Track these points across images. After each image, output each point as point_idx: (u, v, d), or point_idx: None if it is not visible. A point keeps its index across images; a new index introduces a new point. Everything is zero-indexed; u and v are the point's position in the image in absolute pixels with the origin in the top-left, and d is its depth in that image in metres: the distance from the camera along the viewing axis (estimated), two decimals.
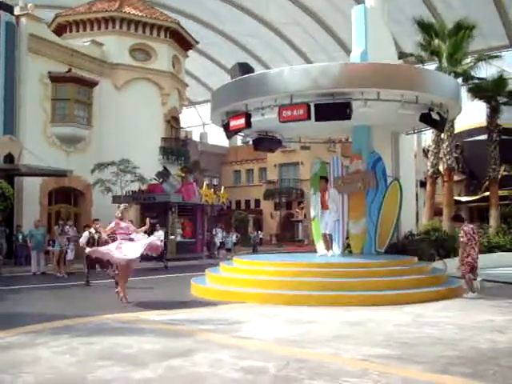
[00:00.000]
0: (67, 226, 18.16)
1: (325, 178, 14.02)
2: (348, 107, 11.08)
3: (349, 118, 11.09)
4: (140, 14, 29.27)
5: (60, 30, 29.23)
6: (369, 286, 10.24)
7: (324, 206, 13.65)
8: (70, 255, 17.83)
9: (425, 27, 20.79)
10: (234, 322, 7.96)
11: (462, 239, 10.80)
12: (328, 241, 13.60)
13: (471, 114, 26.93)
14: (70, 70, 25.45)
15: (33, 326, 7.68)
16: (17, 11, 23.94)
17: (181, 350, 6.11)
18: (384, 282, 10.50)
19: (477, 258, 10.88)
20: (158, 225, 21.75)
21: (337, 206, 13.74)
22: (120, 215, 10.41)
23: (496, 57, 23.31)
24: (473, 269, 10.83)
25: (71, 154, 25.77)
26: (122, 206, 10.77)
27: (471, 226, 11.24)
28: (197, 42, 33.63)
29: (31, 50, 24.13)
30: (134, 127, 27.64)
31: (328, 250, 13.48)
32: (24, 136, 23.52)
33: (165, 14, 31.79)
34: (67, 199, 26.73)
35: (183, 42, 32.11)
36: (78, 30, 29.40)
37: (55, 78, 25.06)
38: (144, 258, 23.46)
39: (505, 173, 32.57)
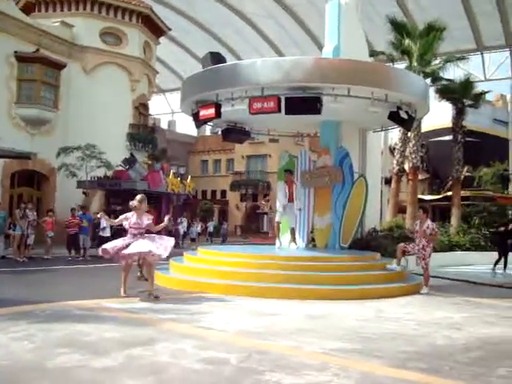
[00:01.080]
0: (27, 210, 17.79)
1: (289, 171, 14.05)
2: (318, 102, 11.12)
3: (319, 112, 11.13)
4: None
5: (28, 9, 28.53)
6: (332, 281, 10.34)
7: (290, 199, 13.70)
8: (31, 239, 17.56)
9: (397, 26, 21.01)
10: (196, 312, 7.94)
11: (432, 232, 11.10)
12: (293, 234, 13.75)
13: (437, 115, 27.39)
14: (37, 51, 24.90)
15: None
16: None
17: (142, 339, 6.06)
18: (347, 277, 10.62)
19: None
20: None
21: (301, 202, 13.97)
22: (136, 206, 9.29)
23: (464, 58, 23.75)
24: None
25: (36, 136, 25.26)
26: (139, 196, 9.58)
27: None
28: (169, 29, 33.31)
29: None
30: (101, 112, 27.24)
31: (293, 243, 13.64)
32: None
33: None
34: (30, 182, 26.24)
35: (155, 29, 31.76)
36: (47, 10, 28.77)
37: (22, 58, 24.48)
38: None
39: (467, 174, 33.31)
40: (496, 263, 15.55)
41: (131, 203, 9.42)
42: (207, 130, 42.87)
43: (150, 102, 33.88)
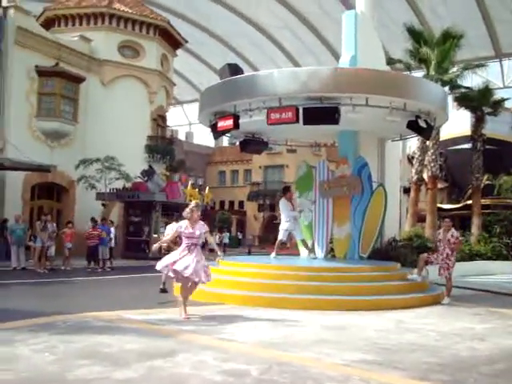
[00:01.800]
0: (47, 222, 17.96)
1: (288, 188, 14.89)
2: (336, 112, 11.11)
3: (337, 122, 11.12)
4: (130, 11, 29.11)
5: (48, 24, 28.94)
6: (351, 291, 10.27)
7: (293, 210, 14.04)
8: (52, 251, 17.73)
9: (414, 34, 20.90)
10: (216, 323, 7.93)
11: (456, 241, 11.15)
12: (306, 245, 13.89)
13: (456, 123, 27.18)
14: (57, 65, 25.22)
15: (11, 323, 7.58)
16: (4, 3, 23.61)
17: (163, 351, 6.07)
18: (366, 288, 10.55)
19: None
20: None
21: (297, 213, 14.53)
22: (189, 215, 8.71)
23: (482, 66, 23.55)
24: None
25: (55, 149, 25.52)
26: (193, 203, 9.16)
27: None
28: (186, 42, 33.55)
29: (18, 43, 23.82)
30: (120, 124, 27.46)
31: (310, 252, 13.73)
32: (8, 129, 23.26)
33: (155, 11, 31.64)
34: (50, 195, 26.49)
35: (172, 41, 32.01)
36: (66, 25, 29.13)
37: (42, 72, 24.81)
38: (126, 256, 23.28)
39: (487, 182, 32.91)
40: None
41: (184, 213, 8.85)
42: (225, 140, 43.04)
43: (168, 113, 34.10)
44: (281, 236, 14.30)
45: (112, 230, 20.13)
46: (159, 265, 8.57)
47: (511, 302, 11.78)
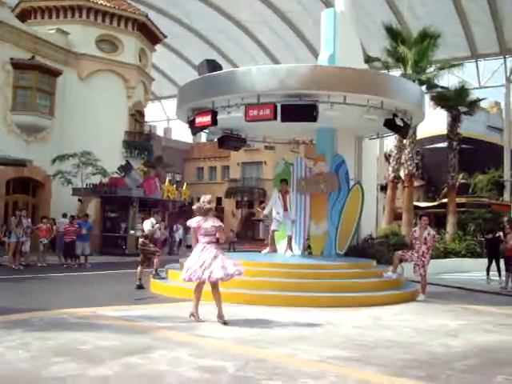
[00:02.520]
0: (22, 217, 17.70)
1: (285, 180, 14.13)
2: (314, 109, 11.13)
3: (315, 120, 11.15)
4: (108, 5, 28.76)
5: (24, 16, 28.48)
6: (328, 288, 10.32)
7: (285, 208, 13.78)
8: (26, 247, 17.50)
9: (392, 33, 21.09)
10: (191, 319, 7.91)
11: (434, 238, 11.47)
12: (290, 242, 13.78)
13: (432, 122, 27.49)
14: (33, 58, 24.85)
15: None
16: None
17: (138, 347, 6.04)
18: (343, 284, 10.61)
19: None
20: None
21: (295, 210, 14.03)
22: (205, 209, 7.93)
23: (458, 65, 23.84)
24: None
25: (31, 143, 25.18)
26: (208, 197, 8.21)
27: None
28: (165, 37, 33.31)
29: None
30: (97, 119, 27.18)
31: (289, 250, 13.66)
32: None
33: (133, 6, 31.35)
34: (26, 189, 26.12)
35: (151, 36, 31.76)
36: (43, 17, 28.70)
37: (18, 65, 24.43)
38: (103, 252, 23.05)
39: (463, 180, 33.41)
40: (488, 270, 15.53)
41: (199, 205, 8.01)
42: (203, 137, 42.87)
43: (146, 109, 33.85)
44: (274, 226, 14.10)
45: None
46: (185, 275, 7.88)
47: (484, 298, 11.99)
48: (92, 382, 4.75)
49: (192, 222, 7.95)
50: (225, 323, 7.61)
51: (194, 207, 8.07)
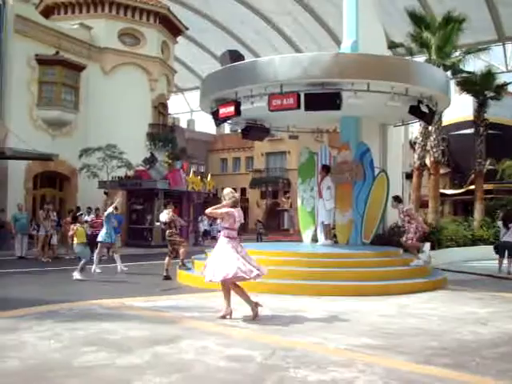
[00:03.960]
0: (49, 211, 17.99)
1: (326, 167, 14.03)
2: (338, 98, 11.07)
3: (338, 108, 11.08)
4: None
5: (48, 12, 28.82)
6: (354, 277, 10.30)
7: (320, 195, 13.72)
8: (54, 240, 17.79)
9: (416, 19, 20.74)
10: (219, 309, 7.94)
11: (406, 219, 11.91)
12: (327, 230, 13.72)
13: (458, 108, 27.06)
14: (57, 53, 25.13)
15: (17, 311, 7.64)
16: None
17: (166, 337, 6.11)
18: (369, 273, 10.58)
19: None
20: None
21: (331, 194, 13.85)
22: (234, 199, 7.62)
23: (485, 49, 23.36)
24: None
25: (57, 137, 25.51)
26: (229, 190, 7.81)
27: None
28: (186, 29, 33.38)
29: (18, 32, 23.74)
30: (121, 112, 27.42)
31: (328, 239, 13.62)
32: (10, 119, 23.25)
33: None
34: (52, 183, 26.52)
35: (173, 28, 31.84)
36: (66, 13, 29.00)
37: (42, 61, 24.74)
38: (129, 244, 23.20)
39: (490, 167, 32.85)
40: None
41: (227, 195, 7.59)
42: (226, 128, 42.94)
43: (169, 101, 34.00)
44: (329, 219, 13.93)
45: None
46: (219, 276, 7.23)
47: None
48: (122, 371, 4.82)
49: (228, 212, 7.46)
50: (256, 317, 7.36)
51: (229, 200, 7.55)
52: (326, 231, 13.82)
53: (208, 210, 7.62)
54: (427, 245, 12.36)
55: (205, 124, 51.68)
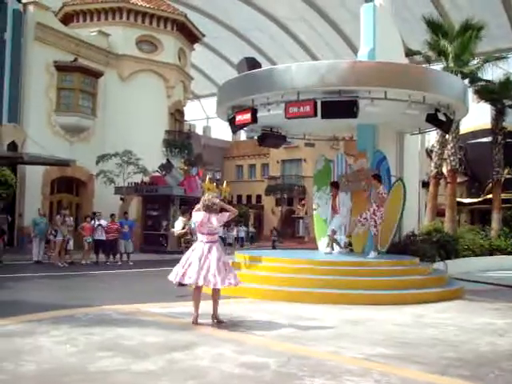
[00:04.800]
0: (66, 216, 18.15)
1: (335, 184, 13.95)
2: (355, 105, 11.05)
3: (355, 116, 11.06)
4: (147, 6, 29.19)
5: (67, 20, 29.15)
6: (370, 285, 10.24)
7: (334, 210, 13.64)
8: (71, 245, 17.93)
9: (433, 26, 20.67)
10: (234, 316, 7.96)
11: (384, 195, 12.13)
12: (332, 239, 13.62)
13: (475, 116, 26.85)
14: (75, 60, 25.40)
15: (33, 315, 7.69)
16: None
17: (182, 343, 6.11)
18: (385, 282, 10.50)
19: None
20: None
21: (347, 209, 13.85)
22: (204, 203, 7.67)
23: (503, 58, 23.21)
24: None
25: (74, 143, 25.74)
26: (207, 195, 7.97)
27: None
28: (203, 36, 33.55)
29: (38, 39, 24.05)
30: (138, 119, 27.60)
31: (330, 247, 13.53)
32: (28, 124, 23.51)
33: (172, 6, 31.68)
34: (69, 189, 26.73)
35: (190, 35, 32.03)
36: (84, 20, 29.31)
37: (61, 68, 25.01)
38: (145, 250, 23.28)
39: (508, 176, 32.52)
40: None
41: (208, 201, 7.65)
42: (242, 135, 43.02)
43: (186, 107, 34.17)
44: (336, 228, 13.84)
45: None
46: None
47: None
48: (137, 377, 4.83)
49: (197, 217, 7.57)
50: (220, 322, 7.36)
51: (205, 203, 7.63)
52: (330, 239, 13.63)
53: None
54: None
55: (221, 131, 52.05)
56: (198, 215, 7.65)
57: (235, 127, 13.24)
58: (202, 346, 5.99)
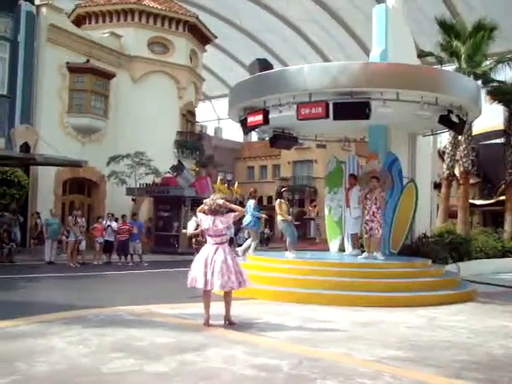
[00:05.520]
0: (77, 217, 18.25)
1: (352, 175, 13.86)
2: (367, 107, 11.00)
3: (367, 117, 11.01)
4: (159, 7, 29.32)
5: (79, 21, 29.36)
6: (382, 287, 10.18)
7: (347, 203, 13.59)
8: (83, 245, 18.03)
9: (446, 27, 20.57)
10: (245, 318, 7.95)
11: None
12: (354, 240, 13.56)
13: (487, 117, 26.66)
14: (88, 61, 25.57)
15: (46, 316, 7.73)
16: (37, 1, 24.02)
17: (193, 345, 6.11)
18: (397, 284, 10.44)
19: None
20: None
21: (360, 210, 13.72)
22: (207, 206, 7.54)
23: None
24: None
25: (86, 144, 25.89)
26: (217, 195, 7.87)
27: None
28: (215, 37, 33.63)
29: (50, 40, 24.24)
30: (149, 120, 27.71)
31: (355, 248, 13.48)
32: (40, 126, 23.68)
33: (184, 7, 31.80)
34: (81, 190, 26.89)
35: (201, 37, 32.13)
36: (97, 22, 29.50)
37: (73, 69, 25.18)
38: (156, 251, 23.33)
39: None
40: None
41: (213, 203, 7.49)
42: (253, 136, 43.05)
43: (197, 109, 34.27)
44: (357, 229, 13.57)
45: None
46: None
47: None
48: (149, 378, 4.84)
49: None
50: (231, 324, 7.37)
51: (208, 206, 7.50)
52: (353, 241, 13.68)
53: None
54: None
55: (232, 132, 52.04)
56: (202, 220, 7.61)
57: (247, 128, 13.23)
58: (213, 348, 5.99)
